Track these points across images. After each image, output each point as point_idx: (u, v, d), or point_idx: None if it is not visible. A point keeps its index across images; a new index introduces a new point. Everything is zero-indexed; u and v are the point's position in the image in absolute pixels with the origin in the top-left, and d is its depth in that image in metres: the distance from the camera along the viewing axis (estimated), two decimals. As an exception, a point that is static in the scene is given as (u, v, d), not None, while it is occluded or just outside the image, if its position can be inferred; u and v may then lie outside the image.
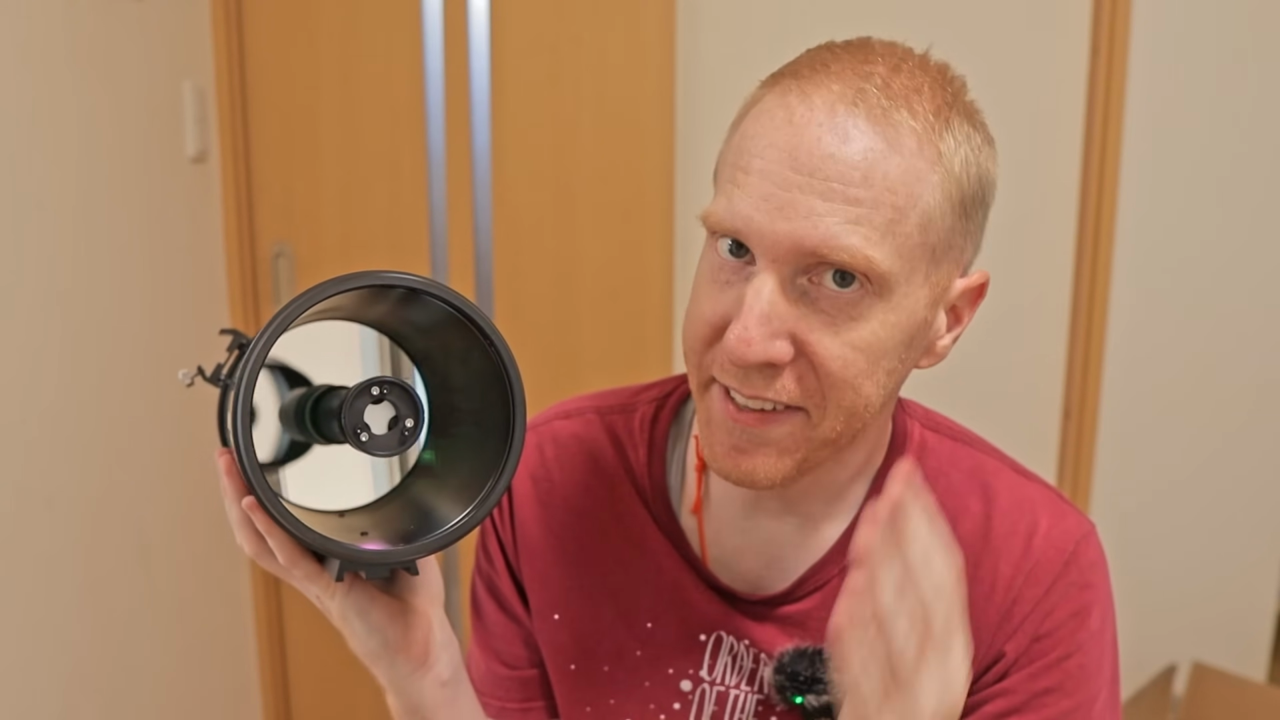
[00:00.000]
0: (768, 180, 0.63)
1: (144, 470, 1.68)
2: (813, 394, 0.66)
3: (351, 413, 0.61)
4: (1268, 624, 2.06)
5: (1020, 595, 0.73)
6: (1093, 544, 0.75)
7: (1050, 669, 0.73)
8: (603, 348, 1.95)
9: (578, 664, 0.82)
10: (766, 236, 0.63)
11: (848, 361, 0.65)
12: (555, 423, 0.85)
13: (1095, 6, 1.83)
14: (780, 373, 0.65)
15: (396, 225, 1.94)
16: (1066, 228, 1.91)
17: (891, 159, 0.63)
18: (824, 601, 0.75)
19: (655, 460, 0.81)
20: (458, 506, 0.65)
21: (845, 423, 0.67)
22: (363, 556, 0.62)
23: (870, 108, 0.63)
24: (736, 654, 0.78)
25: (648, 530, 0.80)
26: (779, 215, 0.62)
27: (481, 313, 0.63)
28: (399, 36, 1.86)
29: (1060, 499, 0.78)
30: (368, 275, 0.61)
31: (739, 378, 0.66)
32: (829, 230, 0.62)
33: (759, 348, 0.63)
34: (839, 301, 0.64)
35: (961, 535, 0.74)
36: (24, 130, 1.40)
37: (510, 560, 0.85)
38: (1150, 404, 1.96)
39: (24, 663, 1.42)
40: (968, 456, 0.78)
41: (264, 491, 0.59)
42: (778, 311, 0.64)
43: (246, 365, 0.58)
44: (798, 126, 0.63)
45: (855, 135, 0.62)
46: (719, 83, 1.87)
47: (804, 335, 0.64)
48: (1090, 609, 0.74)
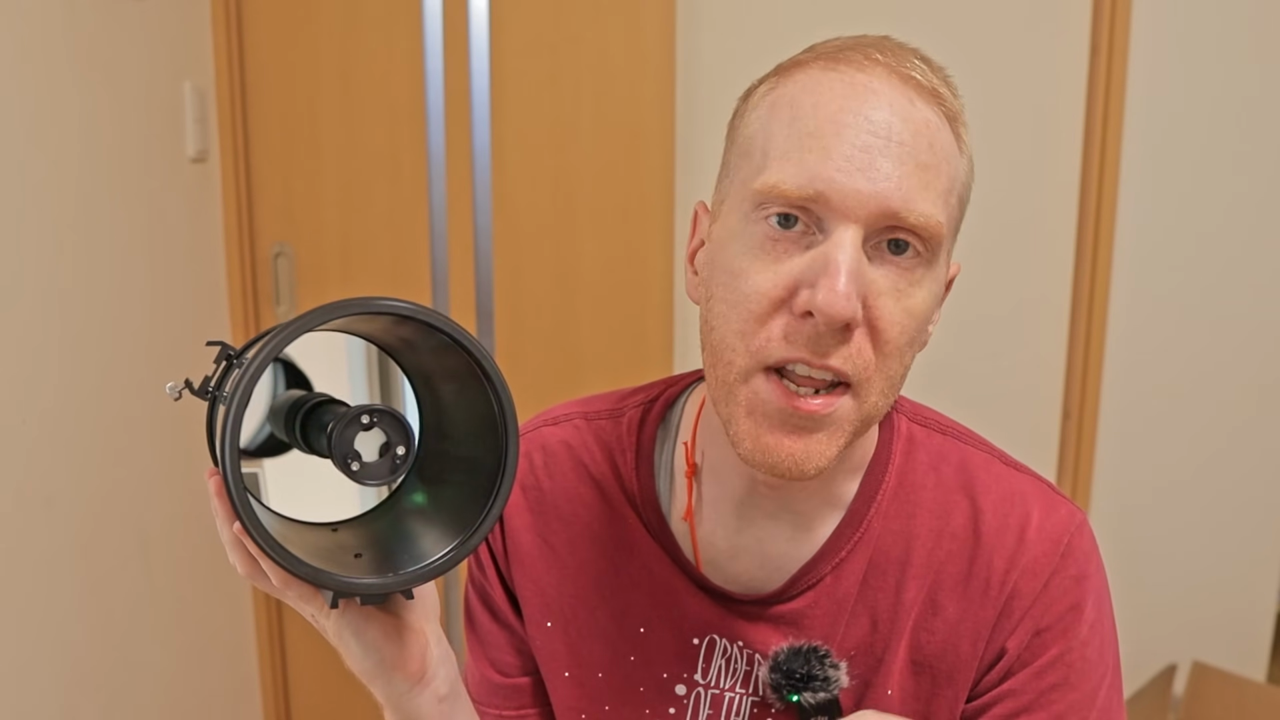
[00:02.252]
0: (844, 142, 0.63)
1: (144, 470, 1.68)
2: (868, 365, 0.65)
3: (341, 441, 0.60)
4: (1268, 624, 2.06)
5: (1018, 590, 0.73)
6: (1086, 534, 0.75)
7: (1054, 664, 0.73)
8: (603, 348, 1.95)
9: (572, 671, 0.82)
10: (850, 196, 0.62)
11: (904, 328, 0.65)
12: (543, 429, 0.84)
13: (1095, 6, 1.83)
14: (849, 338, 0.64)
15: (396, 225, 1.94)
16: (1066, 228, 1.92)
17: (944, 131, 0.65)
18: (817, 600, 0.75)
19: (643, 465, 0.80)
20: (451, 529, 0.64)
21: (885, 396, 0.67)
22: (356, 589, 0.62)
23: (919, 83, 0.65)
24: (730, 657, 0.78)
25: (638, 535, 0.79)
26: (862, 176, 0.62)
27: (476, 341, 0.62)
28: (399, 36, 1.86)
29: (1051, 490, 0.77)
30: (366, 302, 0.59)
31: (811, 343, 0.63)
32: (908, 193, 0.63)
33: (852, 304, 0.62)
34: (902, 267, 0.65)
35: (952, 531, 0.74)
36: (24, 130, 1.40)
37: (501, 569, 0.84)
38: (1150, 404, 1.96)
39: (24, 663, 1.42)
40: (955, 450, 0.77)
41: (254, 527, 0.58)
42: (862, 270, 0.63)
43: (233, 399, 0.56)
44: (864, 92, 0.64)
45: (918, 103, 0.64)
46: (719, 83, 1.87)
47: (872, 300, 0.64)
48: (1087, 600, 0.74)
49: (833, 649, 0.75)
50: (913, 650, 0.75)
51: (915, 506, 0.75)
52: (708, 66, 1.89)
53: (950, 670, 0.74)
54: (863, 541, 0.75)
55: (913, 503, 0.75)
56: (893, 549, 0.75)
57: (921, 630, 0.74)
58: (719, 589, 0.77)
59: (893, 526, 0.75)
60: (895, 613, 0.75)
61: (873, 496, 0.75)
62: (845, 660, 0.75)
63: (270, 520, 0.68)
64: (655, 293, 1.91)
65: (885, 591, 0.75)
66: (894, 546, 0.75)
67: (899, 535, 0.75)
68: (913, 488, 0.76)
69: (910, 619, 0.75)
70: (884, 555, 0.75)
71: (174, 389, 0.67)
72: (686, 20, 1.86)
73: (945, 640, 0.74)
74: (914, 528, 0.75)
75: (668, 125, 1.85)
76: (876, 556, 0.75)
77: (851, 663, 0.75)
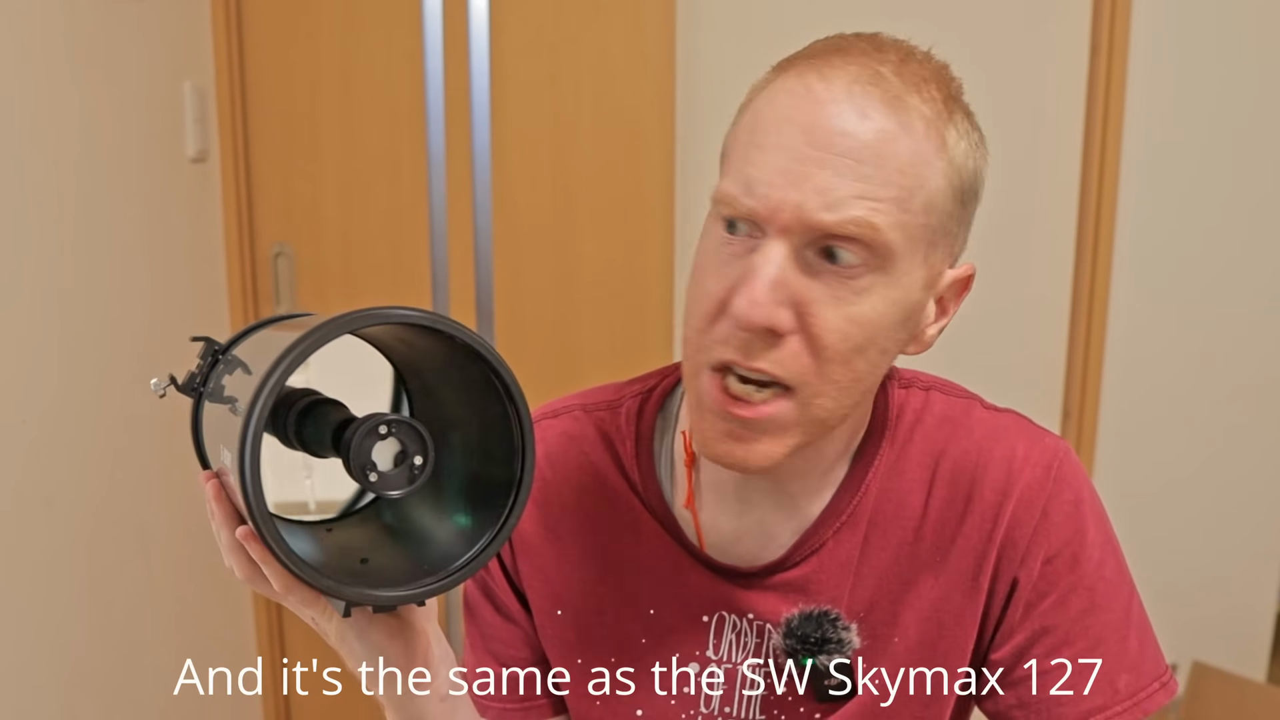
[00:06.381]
0: (783, 154, 0.64)
1: (144, 470, 1.68)
2: (805, 370, 0.67)
3: (360, 451, 0.59)
4: (1268, 624, 2.06)
5: (1016, 520, 0.75)
6: (1071, 459, 0.77)
7: (1074, 590, 0.74)
8: (603, 347, 1.95)
9: (584, 657, 0.83)
10: (780, 208, 0.64)
11: (845, 335, 0.66)
12: (543, 422, 0.86)
13: (1095, 6, 1.84)
14: (780, 343, 0.66)
15: (396, 225, 1.94)
16: (1066, 227, 1.92)
17: (903, 140, 0.64)
18: (821, 564, 0.77)
19: (643, 453, 0.81)
20: (464, 535, 0.64)
21: (836, 400, 0.69)
22: (375, 601, 0.62)
23: (885, 90, 0.65)
24: (740, 630, 0.79)
25: (642, 521, 0.81)
26: (793, 189, 0.64)
27: (485, 342, 0.61)
28: (399, 36, 1.86)
29: (1031, 423, 0.80)
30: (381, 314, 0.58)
31: (741, 347, 0.66)
32: (840, 201, 0.63)
33: (766, 310, 0.64)
34: (843, 276, 0.65)
35: (943, 477, 0.76)
36: (24, 130, 1.40)
37: (506, 563, 0.85)
38: (1150, 404, 1.97)
39: (24, 663, 1.42)
40: (939, 402, 0.80)
41: (275, 540, 0.57)
42: (785, 279, 0.65)
43: (248, 430, 0.55)
44: (816, 103, 0.65)
45: (871, 114, 0.64)
46: (719, 83, 1.87)
47: (806, 307, 0.65)
48: (1088, 522, 0.75)
49: (842, 611, 0.77)
50: (918, 600, 0.76)
51: (906, 462, 0.78)
52: (708, 66, 1.89)
53: (958, 611, 0.76)
54: (861, 504, 0.77)
55: (904, 459, 0.78)
56: (888, 506, 0.77)
57: (925, 579, 0.76)
58: (724, 565, 0.79)
59: (888, 486, 0.77)
60: (898, 568, 0.77)
61: (869, 464, 0.78)
62: (855, 622, 0.77)
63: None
64: (655, 292, 1.91)
65: (886, 549, 0.77)
66: (889, 504, 0.77)
67: (894, 493, 0.77)
68: (904, 444, 0.78)
69: (913, 571, 0.76)
70: (881, 514, 0.77)
71: (159, 385, 0.67)
72: (686, 20, 1.86)
73: (949, 583, 0.76)
74: (908, 483, 0.77)
75: (668, 125, 1.85)
76: (875, 516, 0.77)
77: (861, 623, 0.77)
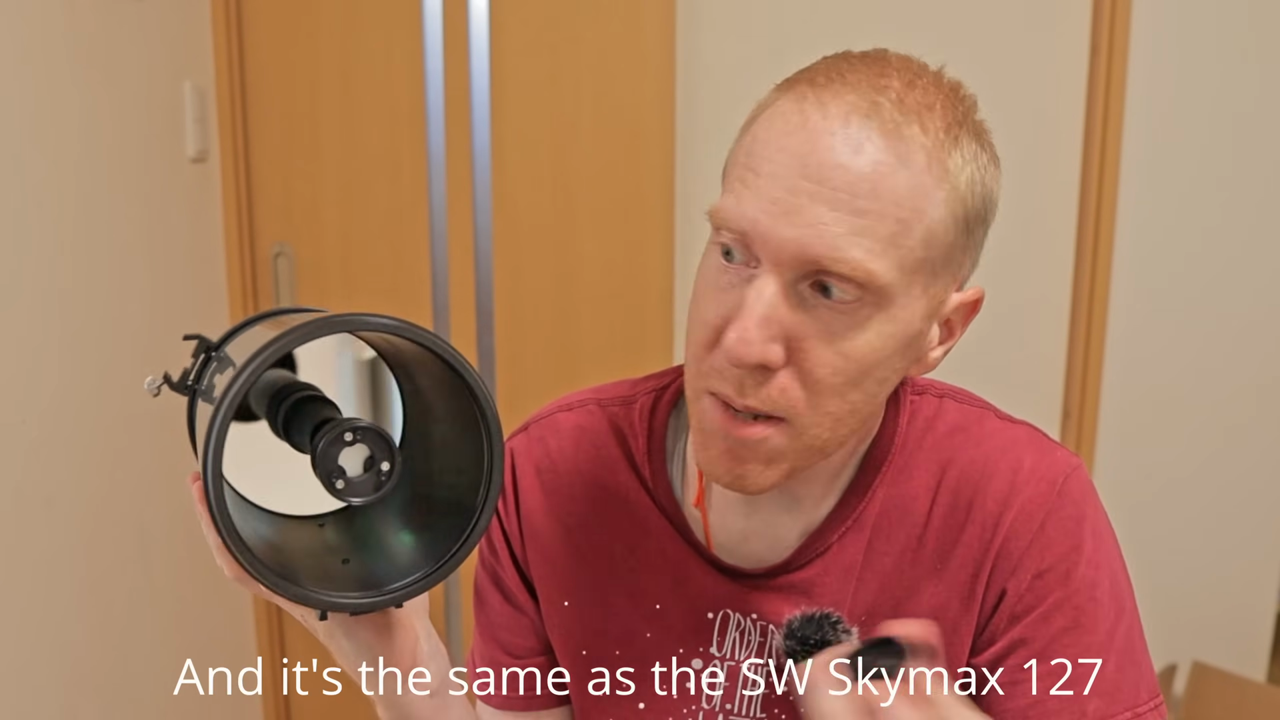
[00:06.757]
0: (777, 184, 0.63)
1: (144, 470, 1.68)
2: (798, 403, 0.66)
3: (325, 458, 0.60)
4: (1268, 624, 2.06)
5: (1014, 531, 0.74)
6: (1081, 477, 0.77)
7: (1060, 607, 0.73)
8: (603, 347, 1.95)
9: (589, 649, 0.84)
10: (771, 240, 0.63)
11: (838, 369, 0.66)
12: (557, 415, 0.86)
13: (1095, 6, 1.84)
14: (771, 377, 0.66)
15: (396, 225, 1.94)
16: (1066, 228, 1.92)
17: (900, 173, 0.63)
18: (826, 567, 0.77)
19: (655, 450, 0.82)
20: (435, 541, 0.65)
21: (831, 430, 0.68)
22: (344, 607, 0.63)
23: (883, 121, 0.63)
24: (744, 630, 0.80)
25: (651, 516, 0.81)
26: (785, 220, 0.63)
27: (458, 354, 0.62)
28: (399, 36, 1.86)
29: (1045, 437, 0.79)
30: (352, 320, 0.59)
31: (734, 383, 0.66)
32: (833, 240, 0.62)
33: (757, 349, 0.64)
34: (837, 310, 0.65)
35: (949, 485, 0.76)
36: (24, 130, 1.40)
37: (516, 552, 0.86)
38: (1150, 404, 1.97)
39: (24, 663, 1.42)
40: (952, 410, 0.80)
41: (239, 548, 0.58)
42: (777, 315, 0.64)
43: (214, 425, 0.56)
44: (811, 133, 0.63)
45: (867, 147, 0.63)
46: (719, 83, 1.87)
47: (798, 342, 0.65)
48: (1086, 540, 0.74)
49: (844, 615, 0.77)
50: (919, 607, 0.76)
51: (914, 469, 0.77)
52: (708, 66, 1.89)
53: (955, 619, 0.76)
54: (867, 509, 0.77)
55: (912, 466, 0.78)
56: (894, 512, 0.77)
57: (926, 586, 0.76)
58: (731, 565, 0.79)
59: (894, 491, 0.77)
60: (901, 574, 0.77)
61: (877, 469, 0.78)
62: (857, 625, 0.77)
63: (260, 519, 0.68)
64: (655, 293, 1.91)
65: (890, 555, 0.77)
66: (895, 510, 0.77)
67: (900, 499, 0.77)
68: (913, 451, 0.78)
69: (915, 577, 0.77)
70: (887, 519, 0.77)
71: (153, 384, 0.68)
72: (686, 20, 1.86)
73: (949, 591, 0.76)
74: (914, 490, 0.77)
75: (668, 125, 1.85)
76: (880, 521, 0.77)
77: (863, 627, 0.77)
